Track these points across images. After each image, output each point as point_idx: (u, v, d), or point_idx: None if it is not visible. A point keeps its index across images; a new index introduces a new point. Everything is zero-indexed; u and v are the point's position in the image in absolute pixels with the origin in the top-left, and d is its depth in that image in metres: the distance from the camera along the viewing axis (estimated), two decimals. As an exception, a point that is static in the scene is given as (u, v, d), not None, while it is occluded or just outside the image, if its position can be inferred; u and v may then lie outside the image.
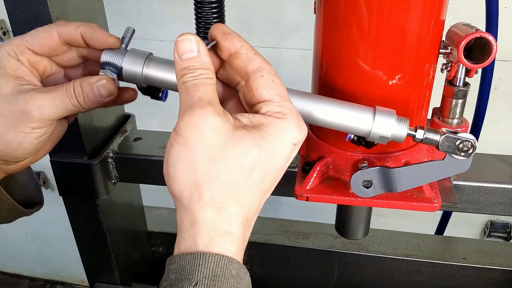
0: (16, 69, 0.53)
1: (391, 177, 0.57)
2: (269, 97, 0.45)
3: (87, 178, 0.82)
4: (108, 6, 0.83)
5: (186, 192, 0.43)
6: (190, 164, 0.42)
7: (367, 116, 0.52)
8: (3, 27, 1.50)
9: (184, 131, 0.42)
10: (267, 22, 1.30)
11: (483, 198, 0.76)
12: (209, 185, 0.42)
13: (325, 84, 0.62)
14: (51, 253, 2.00)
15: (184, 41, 0.45)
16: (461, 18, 0.65)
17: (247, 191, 0.44)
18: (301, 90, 0.54)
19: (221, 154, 0.42)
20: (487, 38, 0.54)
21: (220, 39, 0.48)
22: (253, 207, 0.45)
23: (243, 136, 0.43)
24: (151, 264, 1.14)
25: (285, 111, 0.45)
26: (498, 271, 1.00)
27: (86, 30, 0.54)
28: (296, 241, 1.08)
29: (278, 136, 0.44)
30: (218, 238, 0.42)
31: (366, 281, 1.08)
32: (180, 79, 0.45)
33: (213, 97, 0.44)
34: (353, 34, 0.55)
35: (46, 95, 0.52)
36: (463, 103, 0.65)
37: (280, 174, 0.46)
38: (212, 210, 0.42)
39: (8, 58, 0.53)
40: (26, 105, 0.50)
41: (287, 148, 0.44)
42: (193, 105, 0.42)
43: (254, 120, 0.45)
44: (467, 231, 1.59)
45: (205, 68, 0.45)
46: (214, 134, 0.42)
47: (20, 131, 0.51)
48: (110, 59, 0.53)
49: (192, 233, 0.42)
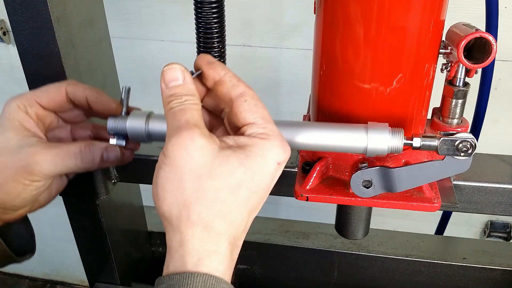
0: (23, 121, 0.56)
1: (391, 177, 0.57)
2: (253, 120, 0.47)
3: (87, 178, 0.82)
4: (108, 6, 0.83)
5: (174, 212, 0.44)
6: (178, 184, 0.43)
7: (360, 135, 0.53)
8: (3, 27, 1.50)
9: (171, 152, 0.43)
10: (267, 22, 1.30)
11: (483, 198, 0.76)
12: (197, 204, 0.43)
13: (325, 84, 0.62)
14: (51, 253, 2.00)
15: (170, 70, 0.48)
16: (461, 18, 0.65)
17: (235, 209, 0.44)
18: (292, 120, 0.56)
19: (208, 174, 0.43)
20: (487, 38, 0.54)
21: (204, 69, 0.51)
22: (241, 226, 0.46)
23: (229, 156, 0.44)
24: (151, 264, 1.13)
25: (269, 132, 0.47)
26: (498, 271, 1.00)
27: (92, 94, 0.59)
28: (296, 241, 1.08)
29: (263, 155, 0.45)
30: (207, 258, 0.43)
31: (366, 281, 1.07)
32: (167, 105, 0.47)
33: (199, 120, 0.46)
34: (353, 34, 0.55)
35: (48, 151, 0.55)
36: (463, 103, 0.65)
37: (266, 193, 0.47)
38: (200, 229, 0.43)
39: (17, 111, 0.56)
40: (28, 158, 0.54)
41: (272, 167, 0.46)
42: (180, 128, 0.44)
43: (239, 141, 0.46)
44: (467, 231, 1.59)
45: (191, 94, 0.47)
46: (201, 154, 0.43)
47: (19, 182, 0.54)
48: (116, 126, 0.57)
49: (181, 252, 0.43)
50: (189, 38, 0.82)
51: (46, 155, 0.54)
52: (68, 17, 0.71)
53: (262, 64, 1.38)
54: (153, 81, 1.48)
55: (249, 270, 1.11)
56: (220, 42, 0.67)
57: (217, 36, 0.66)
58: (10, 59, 1.56)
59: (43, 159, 0.54)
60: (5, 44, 1.53)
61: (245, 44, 1.36)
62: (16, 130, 0.55)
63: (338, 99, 0.61)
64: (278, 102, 1.46)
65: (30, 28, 0.69)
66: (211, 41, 0.63)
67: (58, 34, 0.69)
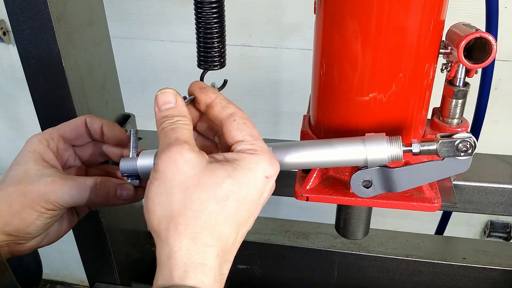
0: (44, 154, 0.60)
1: (391, 177, 0.57)
2: (242, 137, 0.49)
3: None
4: (108, 6, 0.83)
5: (163, 225, 0.44)
6: (167, 196, 0.44)
7: (359, 148, 0.54)
8: (3, 27, 1.50)
9: (161, 167, 0.45)
10: (267, 22, 1.30)
11: (483, 198, 0.76)
12: (184, 215, 0.44)
13: (325, 84, 0.62)
14: (51, 253, 2.00)
15: (163, 94, 0.50)
16: (461, 18, 0.64)
17: (222, 220, 0.45)
18: (288, 141, 0.57)
19: (195, 185, 0.44)
20: (487, 38, 0.54)
21: (197, 94, 0.53)
22: (230, 239, 0.46)
23: (216, 169, 0.46)
24: (151, 264, 1.13)
25: (257, 148, 0.48)
26: (498, 271, 1.00)
27: (107, 123, 0.63)
28: (296, 241, 1.08)
29: (250, 169, 0.47)
30: (193, 270, 0.43)
31: (366, 281, 1.08)
32: (159, 126, 0.49)
33: (190, 138, 0.48)
34: (353, 34, 0.55)
35: (65, 182, 0.58)
36: (463, 103, 0.65)
37: (255, 206, 0.48)
38: (187, 241, 0.44)
39: (38, 144, 0.60)
40: (46, 187, 0.56)
41: (260, 181, 0.47)
42: (171, 144, 0.46)
43: (227, 156, 0.48)
44: (467, 231, 1.59)
45: (182, 115, 0.50)
46: (190, 167, 0.45)
47: (35, 210, 0.56)
48: (127, 167, 0.58)
49: (169, 265, 0.44)
50: (189, 38, 0.82)
51: (63, 186, 0.57)
52: (68, 17, 0.71)
53: (262, 64, 1.38)
54: (153, 81, 1.48)
55: (249, 270, 1.11)
56: (220, 42, 0.67)
57: (217, 36, 0.66)
58: (10, 59, 1.56)
59: (60, 189, 0.57)
60: (5, 44, 1.53)
61: (245, 44, 1.36)
62: (36, 161, 0.58)
63: (338, 99, 0.61)
64: (278, 102, 1.46)
65: (30, 28, 0.69)
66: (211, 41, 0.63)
67: (58, 34, 0.69)
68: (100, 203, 0.60)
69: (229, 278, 0.47)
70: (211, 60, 0.72)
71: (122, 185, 0.60)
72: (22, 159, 0.59)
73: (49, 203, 0.57)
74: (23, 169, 0.58)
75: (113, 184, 0.60)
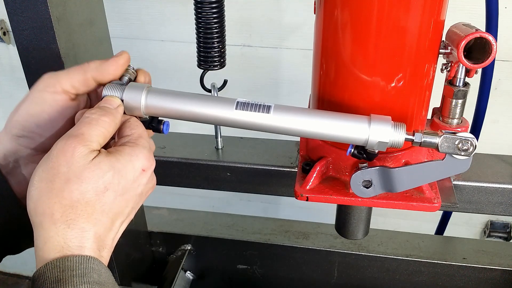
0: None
1: (391, 177, 0.57)
2: (129, 132, 0.54)
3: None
4: (108, 6, 0.83)
5: (40, 209, 0.46)
6: (47, 184, 0.47)
7: (363, 125, 0.53)
8: (3, 27, 1.50)
9: (53, 154, 0.47)
10: (267, 22, 1.30)
11: (483, 198, 0.76)
12: (61, 203, 0.46)
13: (325, 84, 0.62)
14: (51, 253, 2.00)
15: (112, 97, 0.55)
16: (461, 18, 0.65)
17: (99, 209, 0.48)
18: (296, 106, 0.56)
19: (77, 177, 0.47)
20: (487, 38, 0.54)
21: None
22: (106, 226, 0.49)
23: (101, 161, 0.48)
24: (151, 264, 1.13)
25: (138, 142, 0.53)
26: (498, 271, 1.00)
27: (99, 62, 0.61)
28: (296, 241, 1.08)
29: (130, 160, 0.50)
30: (70, 254, 0.45)
31: (366, 281, 1.08)
32: (88, 111, 0.52)
33: (96, 136, 0.50)
34: (353, 34, 0.55)
35: (70, 69, 0.58)
36: (463, 103, 0.65)
37: (131, 197, 0.51)
38: (64, 226, 0.46)
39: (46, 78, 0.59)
40: (51, 77, 0.57)
41: (136, 172, 0.51)
42: (72, 136, 0.48)
43: (112, 149, 0.52)
44: (467, 231, 1.59)
45: (112, 118, 0.52)
46: (76, 161, 0.47)
47: (48, 91, 0.56)
48: (112, 92, 0.56)
49: (46, 249, 0.45)
50: (189, 38, 0.82)
51: (70, 70, 0.58)
52: (68, 17, 0.71)
53: (262, 64, 1.38)
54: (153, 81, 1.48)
55: (249, 270, 1.11)
56: (220, 42, 0.67)
57: (217, 36, 0.66)
58: (10, 59, 1.56)
59: (67, 71, 0.57)
60: (5, 44, 1.53)
61: (245, 44, 1.36)
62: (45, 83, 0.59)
63: (337, 100, 0.61)
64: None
65: (30, 28, 0.69)
66: (211, 41, 0.63)
67: (58, 34, 0.69)
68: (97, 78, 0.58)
69: (229, 278, 0.47)
70: (211, 60, 0.72)
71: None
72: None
73: (61, 83, 0.56)
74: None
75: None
